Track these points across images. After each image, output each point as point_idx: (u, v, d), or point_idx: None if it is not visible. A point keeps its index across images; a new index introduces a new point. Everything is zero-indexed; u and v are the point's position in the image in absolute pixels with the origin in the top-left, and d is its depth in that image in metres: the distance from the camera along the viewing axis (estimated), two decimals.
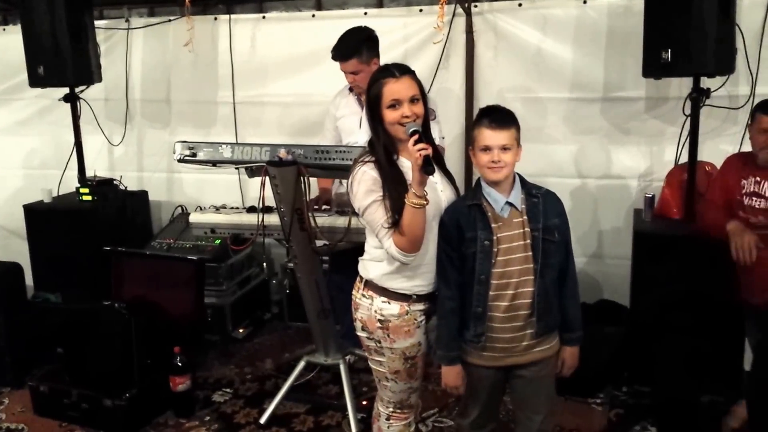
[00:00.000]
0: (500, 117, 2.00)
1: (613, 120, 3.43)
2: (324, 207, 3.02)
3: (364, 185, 2.00)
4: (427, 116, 2.11)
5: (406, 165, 2.01)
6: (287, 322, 3.89)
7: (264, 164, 2.59)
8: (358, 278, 2.17)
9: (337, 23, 3.24)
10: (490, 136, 1.98)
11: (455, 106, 3.64)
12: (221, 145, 2.68)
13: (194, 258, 3.26)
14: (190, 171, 3.76)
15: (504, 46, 3.52)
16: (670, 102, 3.31)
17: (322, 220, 2.82)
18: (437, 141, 2.75)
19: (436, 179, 2.07)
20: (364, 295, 2.12)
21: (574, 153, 3.55)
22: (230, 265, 3.67)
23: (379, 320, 2.08)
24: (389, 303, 2.07)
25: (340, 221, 2.80)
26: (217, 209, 3.08)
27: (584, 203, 3.55)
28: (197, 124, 4.08)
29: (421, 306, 2.09)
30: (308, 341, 3.26)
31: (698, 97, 2.88)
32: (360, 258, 2.17)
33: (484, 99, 3.57)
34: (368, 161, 2.04)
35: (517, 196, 2.04)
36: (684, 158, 3.09)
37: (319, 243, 2.80)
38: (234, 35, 3.91)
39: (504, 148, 1.97)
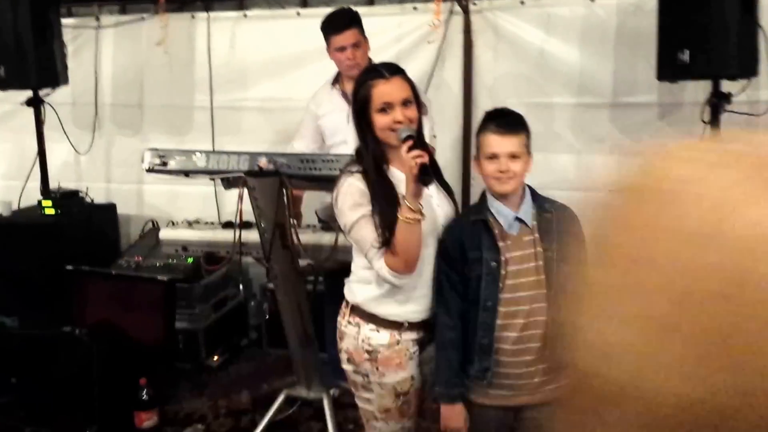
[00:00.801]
0: (508, 121, 1.84)
1: (623, 127, 3.26)
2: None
3: (351, 199, 1.84)
4: (421, 121, 1.93)
5: (398, 176, 1.86)
6: (266, 349, 3.66)
7: (242, 175, 2.39)
8: (343, 303, 1.99)
9: None
10: (497, 143, 1.81)
11: (451, 112, 3.46)
12: (195, 153, 2.48)
13: (164, 278, 3.04)
14: (162, 182, 3.56)
15: (504, 47, 3.36)
16: (685, 108, 3.15)
17: (307, 236, 2.62)
18: (427, 139, 2.57)
19: (432, 192, 1.92)
20: (350, 322, 1.95)
21: (580, 163, 3.36)
22: (204, 285, 3.45)
23: (367, 351, 1.90)
24: (378, 331, 1.90)
25: (326, 238, 2.59)
26: (190, 224, 2.86)
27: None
28: (171, 131, 3.87)
29: (413, 335, 1.91)
30: (289, 371, 3.03)
31: (719, 102, 2.71)
32: (346, 280, 1.98)
33: (483, 104, 3.39)
34: (355, 172, 1.88)
35: (527, 211, 1.87)
36: None
37: (302, 262, 2.60)
38: (212, 34, 3.73)
39: (512, 156, 1.81)
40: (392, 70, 1.87)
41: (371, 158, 1.85)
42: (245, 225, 2.63)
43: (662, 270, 0.35)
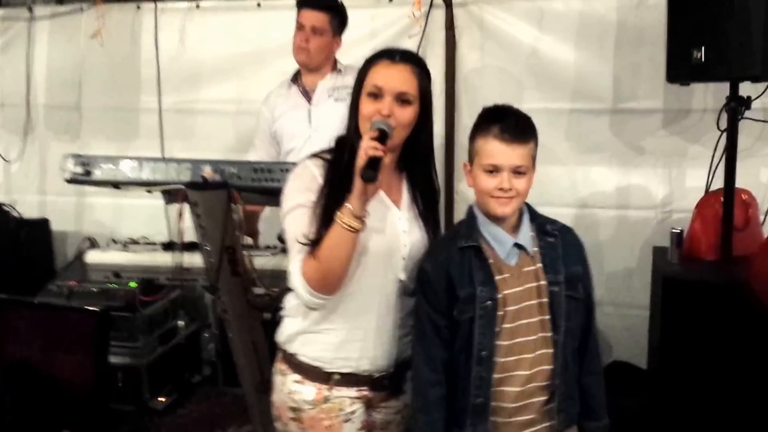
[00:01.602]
0: (516, 124, 1.50)
1: (624, 136, 2.96)
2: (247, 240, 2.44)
3: (299, 182, 1.55)
4: (428, 139, 1.61)
5: None
6: (222, 387, 3.28)
7: (182, 187, 2.02)
8: None
9: (287, 15, 2.75)
10: (501, 153, 1.48)
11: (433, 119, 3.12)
12: (123, 161, 2.10)
13: (95, 309, 2.62)
14: (104, 194, 3.17)
15: (492, 46, 3.05)
16: (692, 115, 2.88)
17: (264, 260, 2.27)
18: None
19: (403, 214, 1.60)
20: (279, 370, 1.65)
21: (577, 176, 3.07)
22: (148, 314, 3.04)
23: (291, 408, 1.59)
24: (302, 383, 1.58)
25: (287, 263, 2.22)
26: (125, 246, 2.47)
27: (588, 239, 2.92)
28: (114, 137, 3.50)
29: (350, 391, 1.58)
30: (247, 414, 2.65)
31: (737, 107, 2.42)
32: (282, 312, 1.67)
33: (468, 109, 3.10)
34: (321, 157, 1.58)
35: (526, 235, 1.55)
36: (716, 184, 2.64)
37: (258, 291, 2.23)
38: (161, 27, 3.38)
39: (517, 171, 1.49)
40: (405, 56, 1.56)
41: (346, 153, 1.52)
42: (190, 246, 2.26)
43: None
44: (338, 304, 1.52)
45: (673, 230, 2.56)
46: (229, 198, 2.02)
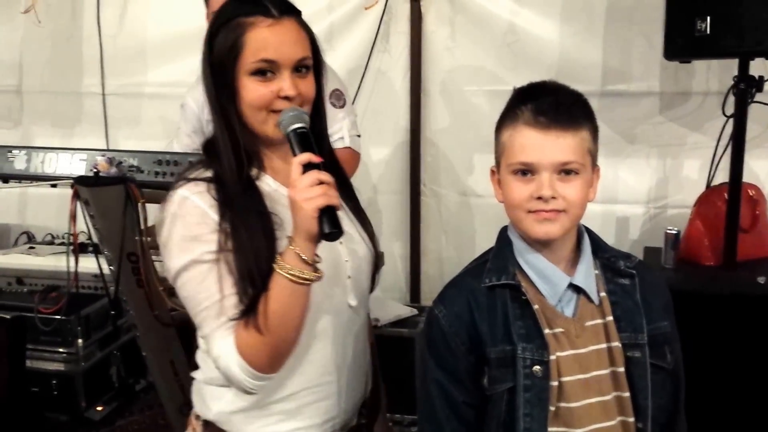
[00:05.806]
0: (558, 104, 1.02)
1: (615, 123, 2.47)
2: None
3: (182, 227, 1.01)
4: (321, 104, 1.12)
5: (273, 187, 1.07)
6: None
7: (72, 181, 1.59)
8: (191, 414, 1.16)
9: None
10: (536, 144, 1.00)
11: (396, 104, 2.67)
12: (11, 151, 1.69)
13: (5, 317, 2.20)
14: (44, 185, 2.72)
15: (464, 21, 2.57)
16: (693, 98, 2.41)
17: None
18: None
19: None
20: None
21: None
22: (86, 316, 2.61)
23: None
24: None
25: None
26: (32, 247, 2.03)
27: None
28: (57, 122, 3.04)
29: None
30: None
31: (747, 89, 1.95)
32: (192, 374, 1.16)
33: (437, 93, 2.63)
34: (198, 179, 1.04)
35: (588, 274, 1.05)
36: (719, 178, 2.19)
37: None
38: (103, 3, 2.87)
39: (565, 171, 1.00)
40: (285, 5, 1.04)
41: (231, 155, 1.03)
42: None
43: None
44: (293, 364, 1.05)
45: (669, 231, 2.10)
46: (127, 195, 1.58)
